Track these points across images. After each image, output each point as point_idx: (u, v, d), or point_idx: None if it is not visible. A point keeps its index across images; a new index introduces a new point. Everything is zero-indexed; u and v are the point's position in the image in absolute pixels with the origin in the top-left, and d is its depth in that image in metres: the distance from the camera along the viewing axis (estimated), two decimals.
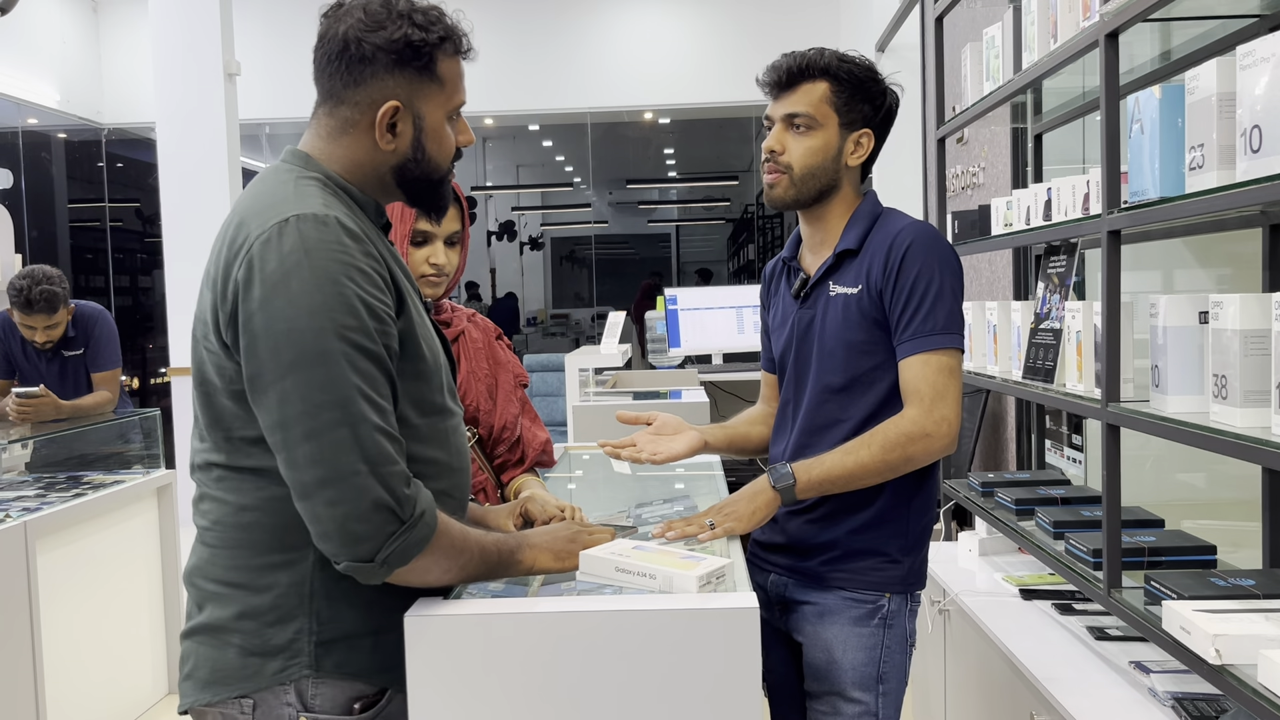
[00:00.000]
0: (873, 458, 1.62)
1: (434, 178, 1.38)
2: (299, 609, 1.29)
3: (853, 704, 1.69)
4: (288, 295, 1.20)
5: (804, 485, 1.63)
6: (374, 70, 1.30)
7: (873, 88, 1.74)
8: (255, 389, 1.23)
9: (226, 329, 1.25)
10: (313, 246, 1.22)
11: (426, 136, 1.34)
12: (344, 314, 1.21)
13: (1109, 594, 1.86)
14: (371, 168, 1.35)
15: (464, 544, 1.31)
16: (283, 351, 1.19)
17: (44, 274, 3.63)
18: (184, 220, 6.02)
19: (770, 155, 1.74)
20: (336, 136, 1.34)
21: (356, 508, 1.19)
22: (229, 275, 1.25)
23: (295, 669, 1.29)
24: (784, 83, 1.73)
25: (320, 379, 1.19)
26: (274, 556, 1.29)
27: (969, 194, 4.14)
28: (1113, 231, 1.86)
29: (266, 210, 1.26)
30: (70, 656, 3.15)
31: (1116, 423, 1.85)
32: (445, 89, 1.35)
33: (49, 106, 7.62)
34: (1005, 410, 3.68)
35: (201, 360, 1.31)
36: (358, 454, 1.19)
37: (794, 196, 1.75)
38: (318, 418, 1.19)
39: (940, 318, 1.64)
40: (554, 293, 12.81)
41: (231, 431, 1.29)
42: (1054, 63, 2.17)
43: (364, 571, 1.23)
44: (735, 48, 7.73)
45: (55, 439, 3.81)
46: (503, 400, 1.97)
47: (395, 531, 1.21)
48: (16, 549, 2.88)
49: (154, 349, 9.05)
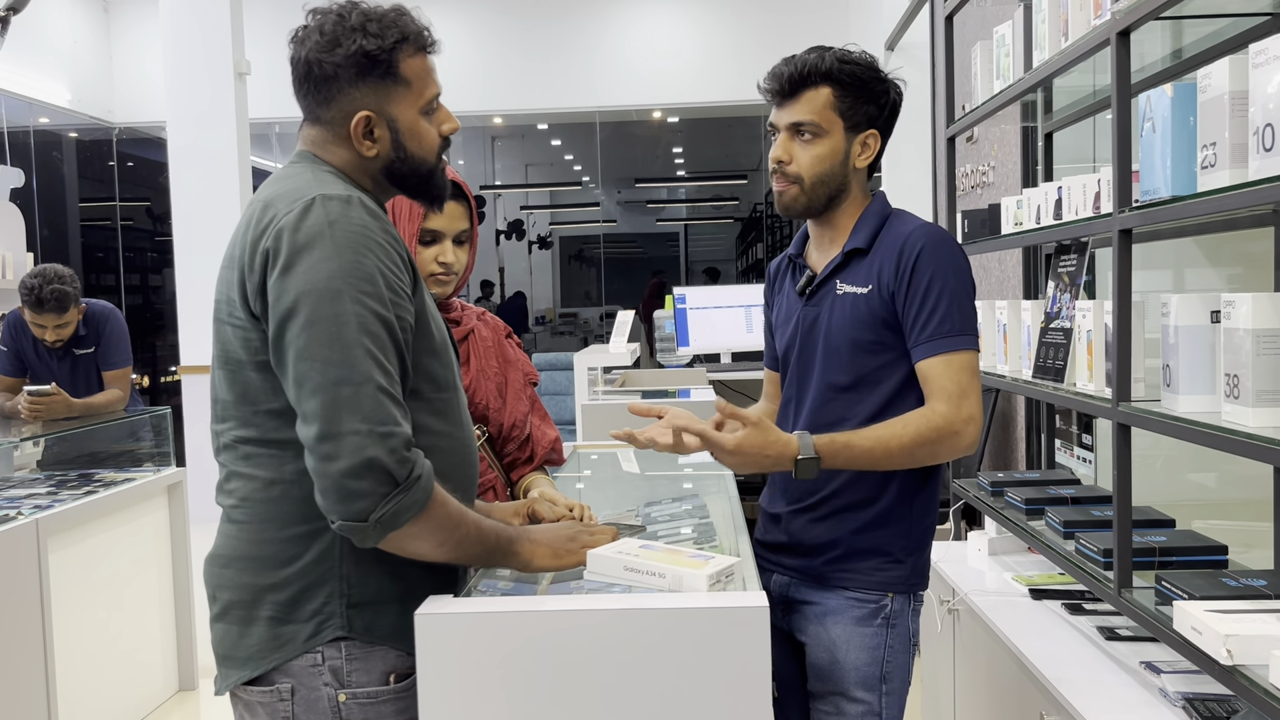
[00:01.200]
0: (902, 447, 1.62)
1: (422, 171, 1.43)
2: (329, 574, 1.33)
3: (856, 704, 1.69)
4: (310, 261, 1.26)
5: (828, 465, 1.61)
6: (339, 86, 1.37)
7: (876, 87, 1.73)
8: (277, 349, 1.28)
9: (255, 299, 1.30)
10: (336, 220, 1.28)
11: (404, 136, 1.40)
12: (360, 280, 1.26)
13: (1120, 594, 1.85)
14: (362, 170, 1.42)
15: (460, 520, 1.32)
16: (300, 311, 1.25)
17: (55, 273, 3.65)
18: (194, 219, 6.04)
19: (778, 165, 1.74)
20: (324, 146, 1.41)
21: (352, 464, 1.22)
22: (257, 248, 1.30)
23: (328, 631, 1.32)
24: (786, 90, 1.72)
25: (331, 336, 1.24)
26: (302, 527, 1.33)
27: (978, 193, 4.13)
28: (1124, 230, 1.85)
29: (292, 193, 1.32)
30: (81, 653, 3.16)
31: (1128, 422, 1.85)
32: (414, 87, 1.40)
33: (60, 106, 7.66)
34: (1014, 410, 3.67)
35: (226, 338, 1.35)
36: (359, 412, 1.23)
37: (805, 204, 1.74)
38: (325, 374, 1.24)
39: (957, 319, 1.64)
40: (562, 292, 12.83)
41: (259, 405, 1.33)
42: (1065, 61, 2.17)
43: (357, 532, 1.25)
44: (744, 46, 7.73)
45: (66, 437, 3.83)
46: (512, 398, 1.97)
47: (389, 493, 1.24)
48: (28, 546, 2.90)
49: (164, 347, 9.09)
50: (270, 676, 1.34)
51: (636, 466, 2.54)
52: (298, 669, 1.33)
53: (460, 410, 1.45)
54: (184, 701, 3.70)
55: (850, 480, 1.72)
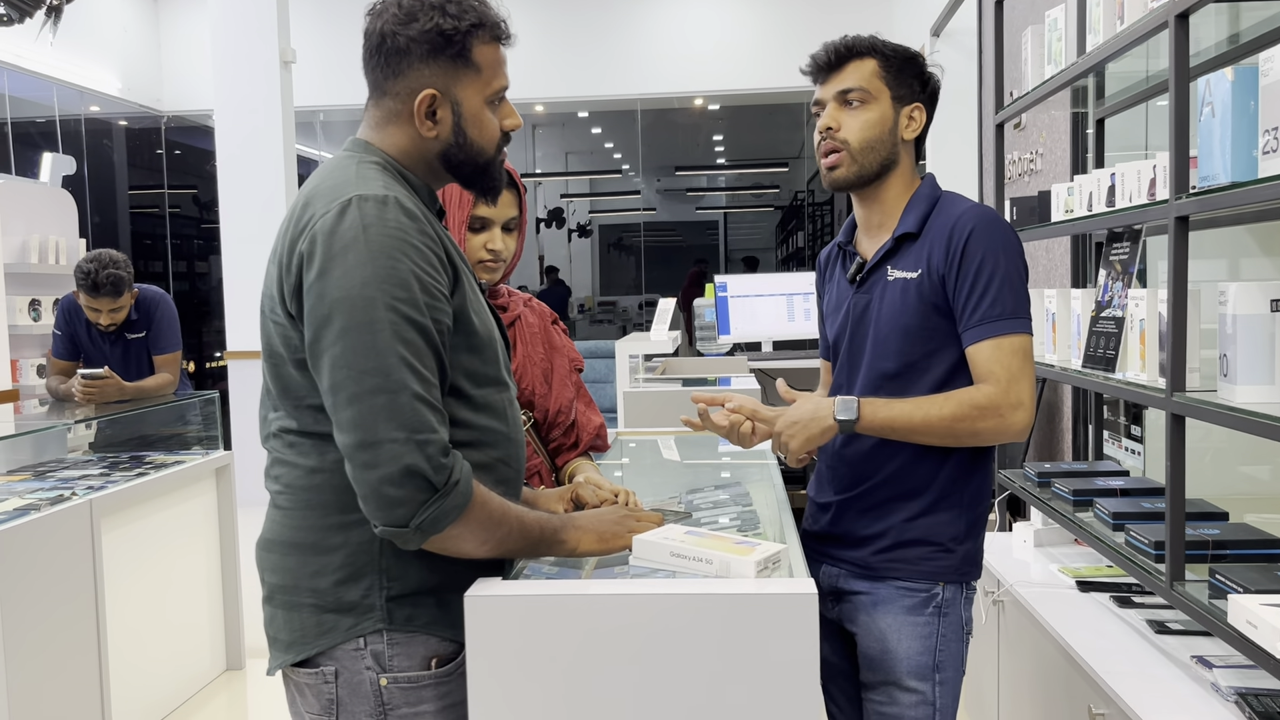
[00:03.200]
0: (941, 419, 1.60)
1: (480, 161, 1.42)
2: (368, 566, 1.34)
3: (909, 693, 1.68)
4: (344, 267, 1.26)
5: (866, 424, 1.62)
6: (410, 61, 1.36)
7: (917, 64, 1.74)
8: (313, 355, 1.29)
9: (291, 300, 1.31)
10: (371, 223, 1.27)
11: (466, 122, 1.39)
12: (394, 286, 1.26)
13: (1171, 587, 1.83)
14: (419, 154, 1.41)
15: (502, 517, 1.33)
16: (335, 319, 1.25)
17: (110, 258, 3.71)
18: (240, 206, 6.12)
19: (826, 133, 1.72)
20: (384, 125, 1.40)
21: (390, 473, 1.23)
22: (294, 249, 1.31)
23: (369, 623, 1.34)
24: (832, 64, 1.72)
25: (366, 346, 1.24)
26: (342, 516, 1.34)
27: (1025, 180, 4.07)
28: (1180, 217, 1.82)
29: (331, 191, 1.32)
30: (132, 631, 3.23)
31: (1182, 413, 1.81)
32: (483, 75, 1.39)
33: (110, 94, 7.79)
34: (1061, 400, 3.62)
35: (270, 333, 1.37)
36: (395, 421, 1.23)
37: (856, 173, 1.72)
38: (361, 383, 1.24)
39: (1009, 302, 1.61)
40: (601, 280, 12.84)
41: (301, 400, 1.34)
42: (1120, 45, 2.13)
43: (399, 536, 1.26)
44: (786, 32, 7.67)
45: (118, 420, 3.90)
46: (558, 384, 1.98)
47: (428, 499, 1.24)
48: (82, 526, 2.96)
49: (209, 333, 9.23)
50: (315, 660, 1.36)
51: (677, 454, 2.54)
52: (341, 653, 1.35)
53: (507, 405, 1.45)
54: (231, 681, 3.77)
55: (900, 469, 1.70)
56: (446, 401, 1.33)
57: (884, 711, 1.70)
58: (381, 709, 1.34)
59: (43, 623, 2.76)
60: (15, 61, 6.70)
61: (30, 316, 5.44)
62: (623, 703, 1.26)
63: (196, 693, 3.62)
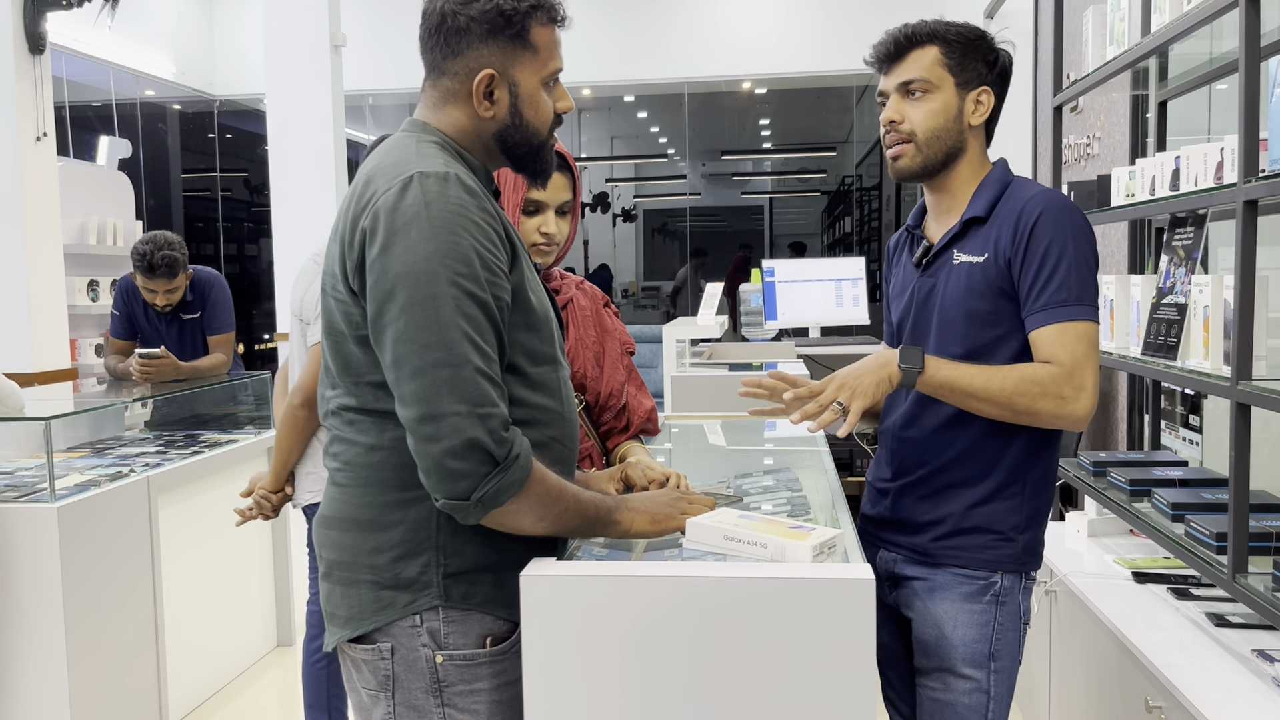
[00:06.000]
0: (1002, 390, 1.57)
1: (534, 142, 1.44)
2: (425, 543, 1.35)
3: (964, 680, 1.66)
4: (407, 242, 1.27)
5: (928, 379, 1.59)
6: (469, 41, 1.37)
7: (983, 45, 1.71)
8: (375, 330, 1.30)
9: (354, 276, 1.32)
10: (432, 199, 1.28)
11: (523, 103, 1.40)
12: (456, 261, 1.27)
13: (1234, 579, 1.79)
14: (475, 134, 1.42)
15: (559, 494, 1.34)
16: (398, 294, 1.26)
17: (165, 240, 3.78)
18: (291, 189, 6.18)
19: (890, 126, 1.70)
20: (442, 106, 1.42)
21: (453, 445, 1.24)
22: (356, 226, 1.32)
23: (425, 599, 1.35)
24: (893, 54, 1.70)
25: (429, 319, 1.25)
26: (400, 494, 1.35)
27: (1082, 165, 3.99)
28: (1249, 201, 1.78)
29: (392, 169, 1.33)
30: (187, 606, 3.30)
31: (1248, 402, 1.77)
32: (540, 56, 1.40)
33: (165, 79, 7.90)
34: (1115, 389, 3.56)
35: (331, 310, 1.38)
36: (458, 394, 1.24)
37: (921, 164, 1.70)
38: (424, 356, 1.25)
39: (1075, 287, 1.58)
40: (645, 265, 12.82)
41: (361, 377, 1.36)
42: (1188, 24, 2.07)
43: (460, 510, 1.28)
44: (835, 15, 7.57)
45: (174, 399, 3.98)
46: (609, 367, 1.98)
47: (490, 473, 1.26)
48: (140, 501, 3.02)
49: (260, 315, 9.36)
50: (372, 636, 1.38)
51: (723, 439, 2.53)
52: (397, 630, 1.36)
53: (561, 384, 1.46)
54: (282, 656, 3.83)
55: (963, 453, 1.68)
56: (504, 379, 1.33)
57: (938, 698, 1.69)
58: (437, 686, 1.35)
59: (102, 596, 2.83)
60: (73, 46, 6.81)
61: (89, 297, 5.56)
62: (676, 684, 1.26)
63: (248, 668, 3.69)
